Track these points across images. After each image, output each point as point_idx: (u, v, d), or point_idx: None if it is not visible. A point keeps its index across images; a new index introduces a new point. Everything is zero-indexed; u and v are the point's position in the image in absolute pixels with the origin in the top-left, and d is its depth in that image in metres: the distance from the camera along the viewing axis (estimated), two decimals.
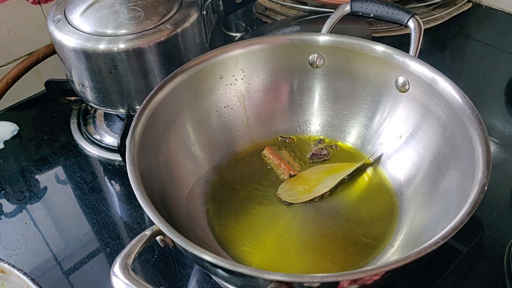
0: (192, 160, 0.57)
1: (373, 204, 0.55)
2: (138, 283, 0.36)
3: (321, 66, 0.61)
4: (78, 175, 0.65)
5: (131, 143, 0.47)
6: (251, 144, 0.62)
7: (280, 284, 0.35)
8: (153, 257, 0.54)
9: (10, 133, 0.72)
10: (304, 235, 0.52)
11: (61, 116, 0.74)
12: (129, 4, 0.61)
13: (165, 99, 0.53)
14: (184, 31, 0.61)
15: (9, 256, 0.55)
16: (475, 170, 0.43)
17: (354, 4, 0.60)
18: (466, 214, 0.39)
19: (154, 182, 0.48)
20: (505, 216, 0.56)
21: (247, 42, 0.59)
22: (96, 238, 0.57)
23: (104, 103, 0.64)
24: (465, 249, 0.52)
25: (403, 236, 0.51)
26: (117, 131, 0.70)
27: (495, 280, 0.50)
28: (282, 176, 0.58)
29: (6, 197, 0.63)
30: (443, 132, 0.52)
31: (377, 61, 0.57)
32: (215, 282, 0.51)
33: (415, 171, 0.55)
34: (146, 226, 0.57)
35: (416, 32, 0.56)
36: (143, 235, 0.40)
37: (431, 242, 0.37)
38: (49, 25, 0.62)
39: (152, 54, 0.60)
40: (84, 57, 0.59)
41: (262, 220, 0.54)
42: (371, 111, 0.60)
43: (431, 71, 0.53)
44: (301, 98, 0.63)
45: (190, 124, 0.57)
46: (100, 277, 0.53)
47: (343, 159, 0.60)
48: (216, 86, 0.59)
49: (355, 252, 0.50)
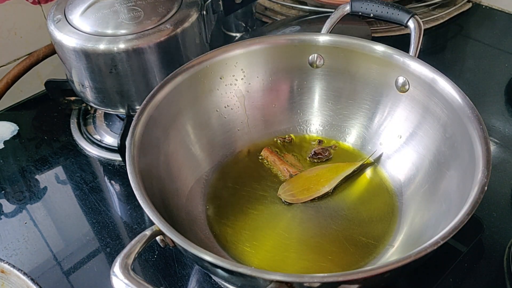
0: (192, 160, 0.57)
1: (373, 204, 0.55)
2: (138, 283, 0.36)
3: (321, 66, 0.61)
4: (78, 175, 0.65)
5: (131, 143, 0.47)
6: (251, 144, 0.62)
7: (280, 284, 0.35)
8: (153, 257, 0.54)
9: (10, 133, 0.72)
10: (304, 235, 0.52)
11: (61, 116, 0.74)
12: (129, 4, 0.61)
13: (165, 99, 0.53)
14: (184, 31, 0.61)
15: (9, 256, 0.55)
16: (475, 170, 0.43)
17: (354, 4, 0.60)
18: (466, 214, 0.39)
19: (154, 182, 0.48)
20: (505, 216, 0.56)
21: (247, 42, 0.59)
22: (96, 238, 0.57)
23: (104, 103, 0.64)
24: (465, 249, 0.52)
25: (403, 236, 0.51)
26: (117, 131, 0.70)
27: (495, 280, 0.50)
28: (282, 176, 0.58)
29: (6, 197, 0.63)
30: (443, 132, 0.52)
31: (377, 61, 0.57)
32: (215, 282, 0.51)
33: (415, 171, 0.55)
34: (146, 226, 0.57)
35: (416, 32, 0.56)
36: (143, 235, 0.40)
37: (431, 242, 0.37)
38: (49, 25, 0.62)
39: (152, 54, 0.60)
40: (84, 57, 0.59)
41: (262, 220, 0.54)
42: (371, 111, 0.60)
43: (431, 71, 0.53)
44: (301, 98, 0.63)
45: (190, 124, 0.57)
46: (100, 277, 0.53)
47: (343, 159, 0.60)
48: (216, 86, 0.59)
49: (355, 252, 0.50)
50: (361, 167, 0.58)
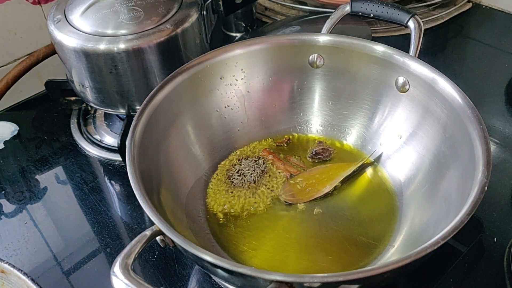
0: (192, 160, 0.57)
1: (373, 204, 0.55)
2: (138, 283, 0.36)
3: (321, 66, 0.61)
4: (78, 175, 0.65)
5: (131, 143, 0.47)
6: (251, 144, 0.62)
7: (280, 284, 0.35)
8: (153, 257, 0.54)
9: (10, 133, 0.72)
10: (304, 235, 0.52)
11: (61, 116, 0.74)
12: (129, 4, 0.61)
13: (165, 99, 0.53)
14: (184, 31, 0.61)
15: (9, 256, 0.55)
16: (475, 170, 0.43)
17: (354, 4, 0.60)
18: (466, 214, 0.39)
19: (154, 182, 0.48)
20: (505, 216, 0.56)
21: (247, 42, 0.60)
22: (96, 238, 0.57)
23: (104, 103, 0.64)
24: (465, 249, 0.52)
25: (403, 236, 0.51)
26: (117, 131, 0.70)
27: (495, 280, 0.50)
28: (282, 176, 0.58)
29: (6, 197, 0.63)
30: (443, 132, 0.52)
31: (377, 61, 0.57)
32: (215, 282, 0.51)
33: (415, 171, 0.55)
34: (146, 226, 0.57)
35: (416, 32, 0.56)
36: (143, 235, 0.40)
37: (431, 242, 0.37)
38: (49, 25, 0.62)
39: (152, 54, 0.60)
40: (84, 57, 0.59)
41: (262, 220, 0.54)
42: (371, 111, 0.60)
43: (431, 71, 0.53)
44: (301, 98, 0.63)
45: (190, 124, 0.57)
46: (100, 277, 0.53)
47: (343, 159, 0.60)
48: (216, 86, 0.59)
49: (355, 252, 0.50)
50: (361, 167, 0.58)
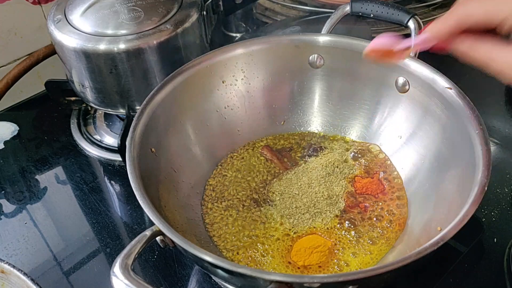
0: (192, 160, 0.57)
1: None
2: (138, 283, 0.36)
3: (321, 66, 0.61)
4: (78, 175, 0.65)
5: (131, 144, 0.47)
6: (251, 145, 0.62)
7: (280, 284, 0.35)
8: (153, 257, 0.54)
9: (10, 133, 0.72)
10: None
11: (61, 116, 0.74)
12: (129, 4, 0.61)
13: (165, 99, 0.53)
14: (184, 31, 0.61)
15: (9, 256, 0.55)
16: (475, 170, 0.43)
17: (354, 4, 0.60)
18: (466, 214, 0.39)
19: (154, 182, 0.48)
20: (505, 216, 0.56)
21: (247, 43, 0.60)
22: (96, 239, 0.57)
23: (104, 104, 0.64)
24: (465, 249, 0.52)
25: (403, 236, 0.51)
26: (117, 131, 0.70)
27: (495, 280, 0.50)
28: (281, 175, 0.58)
29: (6, 197, 0.63)
30: (443, 132, 0.52)
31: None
32: (215, 282, 0.51)
33: (415, 171, 0.55)
34: (146, 226, 0.57)
35: (416, 33, 0.56)
36: (143, 235, 0.40)
37: (431, 242, 0.37)
38: (49, 25, 0.62)
39: (152, 55, 0.60)
40: (84, 58, 0.59)
41: (262, 221, 0.54)
42: (371, 111, 0.60)
43: (431, 71, 0.53)
44: (301, 98, 0.63)
45: (190, 124, 0.57)
46: (100, 277, 0.53)
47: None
48: (216, 87, 0.59)
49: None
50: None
